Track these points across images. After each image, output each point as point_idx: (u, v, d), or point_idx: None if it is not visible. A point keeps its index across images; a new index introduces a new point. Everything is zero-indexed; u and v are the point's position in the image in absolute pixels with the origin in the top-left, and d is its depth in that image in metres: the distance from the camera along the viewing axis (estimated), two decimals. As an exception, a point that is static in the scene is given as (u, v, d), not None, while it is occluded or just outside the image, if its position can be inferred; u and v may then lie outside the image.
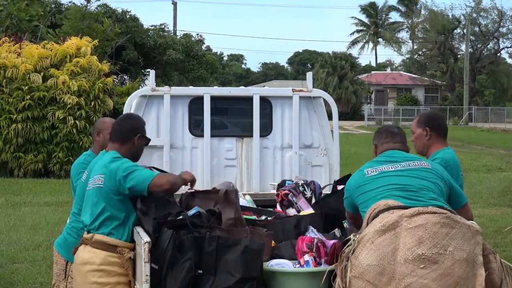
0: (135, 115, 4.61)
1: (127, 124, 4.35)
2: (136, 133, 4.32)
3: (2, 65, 17.18)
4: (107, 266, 4.18)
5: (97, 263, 4.19)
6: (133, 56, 30.35)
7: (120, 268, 4.19)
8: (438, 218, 3.59)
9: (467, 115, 51.98)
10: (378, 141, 4.27)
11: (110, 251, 4.19)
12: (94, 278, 4.19)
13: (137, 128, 4.34)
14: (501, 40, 58.74)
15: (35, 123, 17.12)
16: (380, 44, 74.66)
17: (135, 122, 4.38)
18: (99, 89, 17.50)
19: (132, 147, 4.33)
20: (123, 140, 4.31)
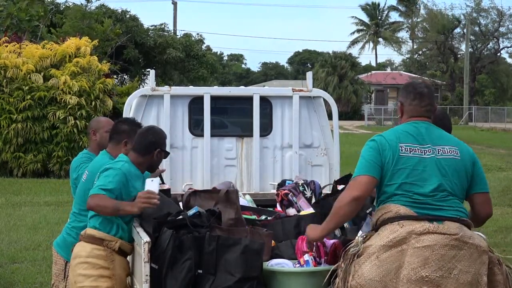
0: (158, 129, 4.68)
1: (148, 137, 4.47)
2: (156, 148, 4.44)
3: (3, 65, 17.18)
4: (92, 258, 4.28)
5: (84, 255, 4.30)
6: (133, 55, 30.35)
7: (105, 261, 4.27)
8: (447, 240, 3.53)
9: (467, 114, 51.99)
10: (405, 101, 3.98)
11: (97, 244, 4.29)
12: (80, 270, 4.30)
13: (158, 143, 4.47)
14: (501, 40, 58.81)
15: (35, 123, 17.13)
16: (380, 44, 74.69)
17: (156, 137, 4.50)
18: (99, 89, 17.51)
19: (151, 160, 4.46)
20: (144, 152, 4.44)
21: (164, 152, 4.53)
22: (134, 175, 4.36)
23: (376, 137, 3.88)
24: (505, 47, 60.36)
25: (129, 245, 4.37)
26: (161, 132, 4.60)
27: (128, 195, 4.26)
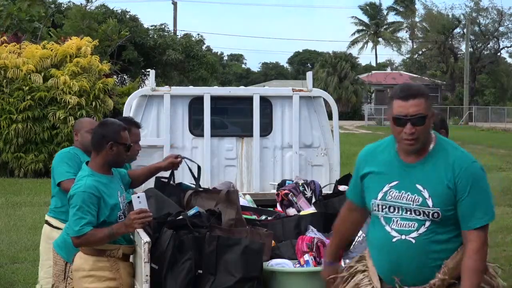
0: (110, 121, 4.37)
1: (98, 132, 4.25)
2: (108, 141, 4.19)
3: (3, 65, 17.18)
4: (96, 271, 4.19)
5: (87, 269, 4.20)
6: (133, 56, 30.35)
7: (110, 273, 4.19)
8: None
9: (467, 114, 51.98)
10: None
11: (99, 256, 4.20)
12: (86, 284, 4.20)
13: (108, 136, 4.20)
14: (501, 40, 58.80)
15: (36, 123, 17.12)
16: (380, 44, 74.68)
17: (106, 130, 4.24)
18: (100, 89, 17.51)
19: (109, 156, 4.22)
20: (97, 149, 4.24)
21: (120, 144, 4.23)
22: (102, 184, 4.18)
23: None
24: (505, 47, 60.42)
25: (130, 247, 4.34)
26: (112, 124, 4.30)
27: (106, 206, 4.16)
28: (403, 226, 3.33)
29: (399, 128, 3.29)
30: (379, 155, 3.48)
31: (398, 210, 3.35)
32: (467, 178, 3.30)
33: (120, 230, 4.11)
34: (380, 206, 3.39)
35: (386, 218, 3.38)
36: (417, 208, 3.30)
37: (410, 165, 3.36)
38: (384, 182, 3.40)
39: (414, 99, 3.28)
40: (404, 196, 3.33)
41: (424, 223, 3.29)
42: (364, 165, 3.51)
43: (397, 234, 3.34)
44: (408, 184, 3.34)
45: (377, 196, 3.40)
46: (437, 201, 3.28)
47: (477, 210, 3.29)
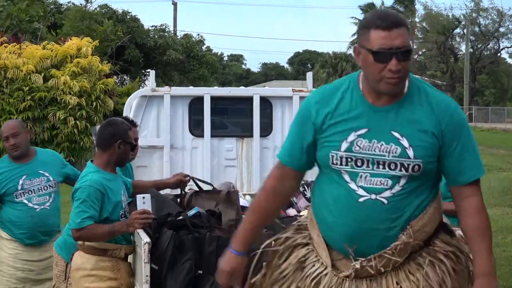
0: (119, 121, 4.45)
1: (107, 130, 4.31)
2: (116, 140, 4.26)
3: (3, 66, 17.18)
4: (98, 271, 4.21)
5: (89, 268, 4.22)
6: (134, 56, 30.35)
7: (112, 272, 4.20)
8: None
9: (468, 115, 51.95)
10: None
11: (101, 255, 4.21)
12: (86, 283, 4.21)
13: (118, 134, 4.28)
14: (501, 40, 58.80)
15: (36, 123, 17.13)
16: (380, 44, 74.65)
17: (116, 129, 4.30)
18: (100, 89, 17.51)
19: (115, 154, 4.28)
20: (104, 147, 4.30)
21: (127, 143, 4.31)
22: (108, 181, 4.23)
23: None
24: (505, 47, 60.57)
25: (130, 247, 4.35)
26: (121, 123, 4.38)
27: (110, 202, 4.19)
28: (374, 183, 2.75)
29: (381, 65, 2.68)
30: (337, 99, 2.83)
31: (368, 164, 2.75)
32: (454, 124, 2.79)
33: (121, 228, 4.13)
34: (344, 159, 2.77)
35: (351, 173, 2.77)
36: (394, 160, 2.73)
37: (381, 109, 2.77)
38: (349, 130, 2.77)
39: (398, 28, 2.69)
40: (377, 146, 2.74)
41: (399, 180, 2.75)
42: (317, 111, 2.84)
43: (365, 193, 2.76)
44: (381, 131, 2.75)
45: (339, 147, 2.77)
46: (419, 151, 2.73)
47: (470, 160, 2.81)
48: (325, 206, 2.87)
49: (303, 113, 2.90)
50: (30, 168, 5.27)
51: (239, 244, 3.00)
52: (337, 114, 2.81)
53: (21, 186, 5.22)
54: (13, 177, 5.24)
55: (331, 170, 2.83)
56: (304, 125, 2.88)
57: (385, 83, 2.71)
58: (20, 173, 5.24)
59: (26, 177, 5.24)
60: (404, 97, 2.78)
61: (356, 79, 2.85)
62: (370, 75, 2.74)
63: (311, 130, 2.85)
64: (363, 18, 2.87)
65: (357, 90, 2.82)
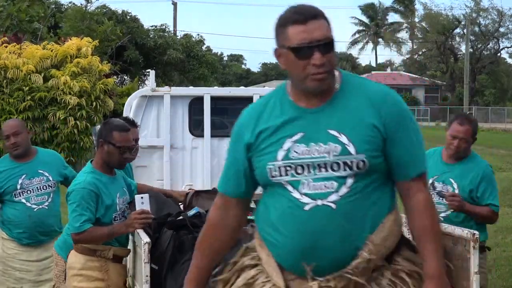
0: (111, 120, 4.42)
1: (99, 131, 4.31)
2: (101, 140, 4.23)
3: (3, 66, 17.19)
4: (87, 271, 4.21)
5: (78, 267, 4.23)
6: (134, 56, 30.37)
7: (99, 273, 4.20)
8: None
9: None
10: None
11: (90, 255, 4.21)
12: (75, 282, 4.23)
13: (102, 135, 4.24)
14: (501, 40, 58.81)
15: (36, 123, 17.12)
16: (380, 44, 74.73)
17: (102, 129, 4.29)
18: (100, 89, 17.52)
19: (104, 156, 4.24)
20: (96, 147, 4.32)
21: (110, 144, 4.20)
22: (101, 182, 4.21)
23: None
24: (505, 47, 60.65)
25: (123, 249, 4.32)
26: (111, 123, 4.31)
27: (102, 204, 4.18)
28: (318, 188, 2.53)
29: (304, 61, 2.49)
30: (268, 112, 2.66)
31: (309, 169, 2.54)
32: (395, 114, 2.59)
33: (120, 229, 4.13)
34: (282, 169, 2.57)
35: (293, 182, 2.56)
36: (336, 159, 2.52)
37: (314, 111, 2.58)
38: (283, 138, 2.59)
39: (315, 20, 2.50)
40: (316, 149, 2.54)
41: (345, 181, 2.52)
42: (247, 130, 2.69)
43: (310, 200, 2.53)
44: (318, 133, 2.55)
45: (275, 157, 2.58)
46: (361, 146, 2.52)
47: (416, 153, 2.61)
48: (270, 222, 2.64)
49: (235, 136, 2.76)
50: (30, 167, 5.26)
51: (196, 284, 2.83)
52: (269, 127, 2.62)
53: (20, 185, 5.22)
54: (12, 176, 5.23)
55: (273, 184, 2.61)
56: (236, 148, 2.72)
57: (311, 80, 2.51)
58: (19, 172, 5.24)
59: (26, 177, 5.23)
60: (336, 93, 2.59)
61: (284, 87, 2.69)
62: (295, 75, 2.55)
63: (243, 152, 2.68)
64: (278, 17, 2.61)
65: (286, 97, 2.64)
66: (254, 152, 2.66)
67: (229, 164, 2.78)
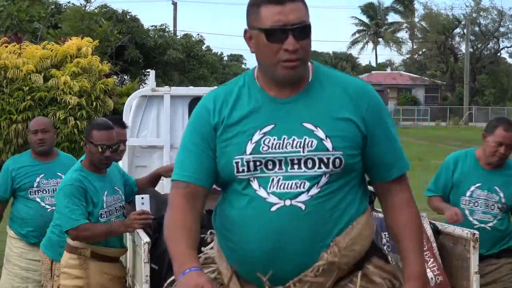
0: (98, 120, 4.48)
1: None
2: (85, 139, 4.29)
3: (3, 66, 17.19)
4: (69, 268, 4.25)
5: (63, 265, 4.28)
6: (134, 56, 30.37)
7: (79, 271, 4.21)
8: None
9: (467, 115, 51.99)
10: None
11: (72, 253, 4.24)
12: (61, 280, 4.29)
13: (85, 134, 4.31)
14: (501, 40, 58.81)
15: (36, 123, 17.12)
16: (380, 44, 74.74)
17: (87, 128, 4.35)
18: (100, 89, 17.52)
19: (86, 153, 4.30)
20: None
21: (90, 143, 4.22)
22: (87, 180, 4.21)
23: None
24: (505, 47, 60.48)
25: (108, 249, 4.29)
26: (92, 122, 4.37)
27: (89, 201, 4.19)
28: (288, 187, 2.29)
29: (276, 45, 2.27)
30: (234, 97, 2.40)
31: (280, 165, 2.30)
32: (375, 111, 2.39)
33: (119, 229, 4.15)
34: (251, 163, 2.31)
35: (261, 179, 2.31)
36: (311, 155, 2.29)
37: (286, 101, 2.35)
38: (252, 129, 2.33)
39: (292, 2, 2.27)
40: (289, 143, 2.30)
41: (319, 180, 2.29)
42: (215, 110, 2.40)
43: (277, 199, 2.29)
44: (291, 125, 2.32)
45: (244, 150, 2.32)
46: (339, 142, 2.30)
47: (397, 151, 2.44)
48: (229, 226, 2.38)
49: (200, 114, 2.44)
50: (49, 168, 5.25)
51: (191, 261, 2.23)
52: (237, 114, 2.36)
53: (37, 183, 5.21)
54: (31, 173, 5.23)
55: (237, 181, 2.34)
56: (202, 131, 2.41)
57: (282, 68, 2.28)
58: (38, 170, 5.23)
59: (44, 176, 5.22)
60: (310, 84, 2.37)
61: (252, 73, 2.43)
62: (265, 60, 2.32)
63: (211, 135, 2.38)
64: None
65: (254, 85, 2.39)
66: (219, 141, 2.37)
67: (192, 149, 2.40)
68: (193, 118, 2.48)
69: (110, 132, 4.26)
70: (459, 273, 3.93)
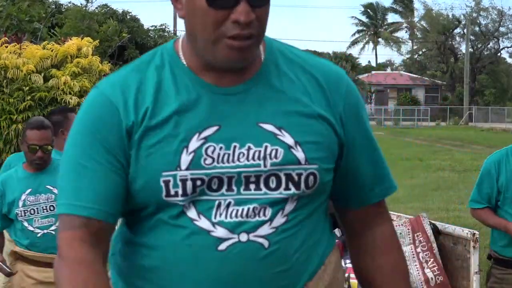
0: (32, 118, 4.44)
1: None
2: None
3: (3, 66, 17.21)
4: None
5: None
6: (135, 56, 30.40)
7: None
8: None
9: (467, 115, 52.00)
10: None
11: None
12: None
13: (23, 133, 4.30)
14: (501, 40, 58.86)
15: (36, 123, 17.15)
16: (380, 44, 74.76)
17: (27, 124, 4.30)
18: (100, 89, 17.53)
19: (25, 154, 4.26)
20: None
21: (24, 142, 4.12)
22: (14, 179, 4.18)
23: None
24: (505, 47, 60.56)
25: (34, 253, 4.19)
26: (29, 121, 4.28)
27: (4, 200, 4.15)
28: (242, 215, 1.55)
29: (220, 13, 1.51)
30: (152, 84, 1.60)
31: (229, 185, 1.56)
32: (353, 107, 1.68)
33: None
34: (189, 183, 1.54)
35: (202, 204, 1.56)
36: (275, 170, 1.56)
37: (231, 91, 1.59)
38: (188, 132, 1.55)
39: None
40: (242, 153, 1.55)
41: (283, 206, 1.58)
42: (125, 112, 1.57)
43: (228, 233, 1.54)
44: (243, 126, 1.57)
45: (176, 163, 1.54)
46: (313, 151, 1.59)
47: (380, 166, 1.74)
48: (147, 274, 1.61)
49: (101, 113, 1.59)
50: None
51: None
52: (162, 110, 1.57)
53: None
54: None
55: (164, 208, 1.56)
56: (107, 134, 1.57)
57: (225, 47, 1.52)
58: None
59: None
60: (263, 67, 1.62)
61: (172, 49, 1.67)
62: (200, 32, 1.54)
63: (122, 139, 1.56)
64: None
65: (180, 67, 1.62)
66: (136, 150, 1.56)
67: (91, 165, 1.55)
68: (89, 121, 1.60)
69: (42, 132, 4.07)
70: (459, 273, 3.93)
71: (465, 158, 21.12)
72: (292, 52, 1.69)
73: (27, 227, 4.22)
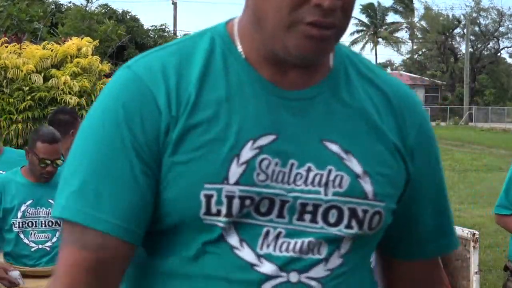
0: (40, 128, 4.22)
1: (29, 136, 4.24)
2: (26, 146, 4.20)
3: (3, 65, 17.21)
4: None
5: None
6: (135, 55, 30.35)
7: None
8: None
9: (467, 115, 52.03)
10: None
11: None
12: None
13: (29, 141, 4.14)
14: (501, 40, 58.92)
15: (36, 123, 17.10)
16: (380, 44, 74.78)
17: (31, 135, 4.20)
18: (100, 89, 17.54)
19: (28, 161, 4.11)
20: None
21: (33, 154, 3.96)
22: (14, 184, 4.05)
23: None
24: (505, 47, 60.83)
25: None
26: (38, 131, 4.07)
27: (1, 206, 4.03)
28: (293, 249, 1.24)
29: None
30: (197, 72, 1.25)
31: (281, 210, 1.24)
32: (428, 142, 1.38)
33: None
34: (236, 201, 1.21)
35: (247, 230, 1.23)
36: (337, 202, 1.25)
37: (297, 96, 1.27)
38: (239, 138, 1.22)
39: None
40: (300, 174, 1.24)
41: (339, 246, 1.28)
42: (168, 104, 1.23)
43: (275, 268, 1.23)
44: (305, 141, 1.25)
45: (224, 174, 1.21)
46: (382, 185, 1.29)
47: (446, 218, 1.44)
48: None
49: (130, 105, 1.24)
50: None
51: None
52: (205, 104, 1.24)
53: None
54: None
55: (199, 229, 1.23)
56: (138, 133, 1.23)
57: (300, 36, 1.19)
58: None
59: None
60: (332, 75, 1.31)
61: (225, 31, 1.32)
62: (272, 15, 1.20)
63: (155, 140, 1.23)
64: None
65: (235, 56, 1.28)
66: (171, 154, 1.23)
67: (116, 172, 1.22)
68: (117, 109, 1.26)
69: (54, 146, 3.98)
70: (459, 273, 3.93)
71: (465, 158, 21.12)
72: (362, 62, 1.38)
73: (23, 239, 4.05)
